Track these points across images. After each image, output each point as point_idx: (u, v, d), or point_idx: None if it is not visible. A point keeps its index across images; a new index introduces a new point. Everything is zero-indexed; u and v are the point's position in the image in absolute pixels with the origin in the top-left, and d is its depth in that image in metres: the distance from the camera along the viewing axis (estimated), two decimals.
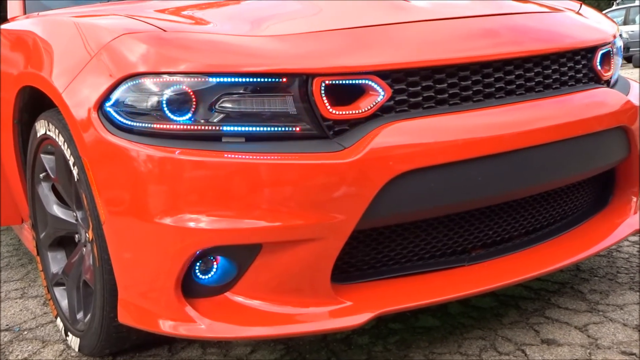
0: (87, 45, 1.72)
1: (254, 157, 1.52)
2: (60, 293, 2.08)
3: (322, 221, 1.52)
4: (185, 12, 1.98)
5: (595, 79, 1.98)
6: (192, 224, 1.52)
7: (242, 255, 1.56)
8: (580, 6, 2.24)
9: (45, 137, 1.92)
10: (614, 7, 18.24)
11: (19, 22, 2.24)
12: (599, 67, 1.97)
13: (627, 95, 1.98)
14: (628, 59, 14.34)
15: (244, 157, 1.51)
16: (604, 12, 17.99)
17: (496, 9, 1.94)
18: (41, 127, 1.94)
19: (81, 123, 1.65)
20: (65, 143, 1.79)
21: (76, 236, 1.99)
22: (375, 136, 1.55)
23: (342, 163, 1.52)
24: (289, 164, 1.51)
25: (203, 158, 1.51)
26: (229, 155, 1.52)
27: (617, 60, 2.11)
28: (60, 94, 1.73)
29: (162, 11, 2.02)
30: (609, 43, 2.04)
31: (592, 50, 1.97)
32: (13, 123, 2.13)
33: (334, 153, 1.54)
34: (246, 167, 1.51)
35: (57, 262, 2.11)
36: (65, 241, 2.10)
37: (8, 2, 2.42)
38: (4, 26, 2.30)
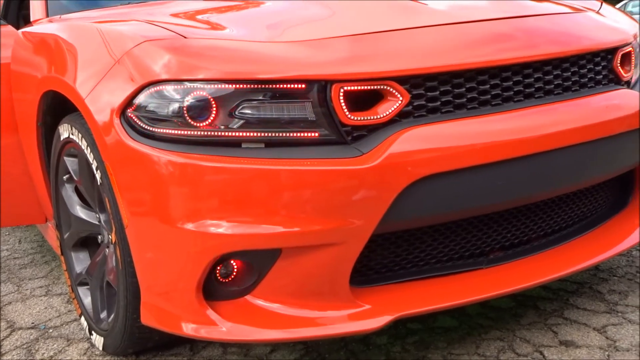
0: (110, 52, 1.74)
1: (274, 163, 1.53)
2: (83, 292, 2.12)
3: (341, 226, 1.54)
4: (200, 17, 2.00)
5: (615, 80, 1.97)
6: (213, 229, 1.54)
7: (261, 260, 1.59)
8: (601, 5, 2.22)
9: (69, 141, 1.96)
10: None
11: (42, 26, 2.27)
12: (619, 68, 1.96)
13: None
14: None
15: (263, 162, 1.53)
16: (627, 0, 17.92)
17: (514, 11, 1.93)
18: (64, 131, 1.97)
19: (103, 128, 1.68)
20: (88, 147, 1.82)
21: (99, 237, 2.03)
22: (394, 142, 1.56)
23: (361, 169, 1.53)
24: (307, 170, 1.53)
25: (223, 164, 1.54)
26: (249, 161, 1.54)
27: (638, 60, 2.09)
28: (83, 100, 1.76)
29: (178, 15, 2.04)
30: (629, 43, 2.02)
31: (612, 51, 1.95)
32: (37, 125, 2.17)
33: (353, 159, 1.55)
34: (266, 173, 1.53)
35: (80, 262, 2.15)
36: (89, 241, 2.14)
37: (31, 5, 2.45)
38: (27, 29, 2.33)
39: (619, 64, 1.96)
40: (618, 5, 16.85)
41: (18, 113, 2.31)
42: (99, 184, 1.80)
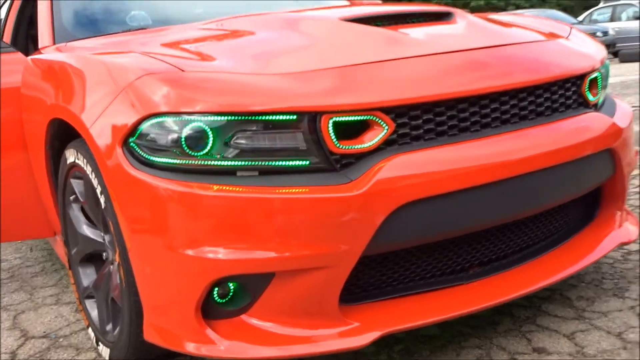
0: (113, 84, 1.86)
1: (267, 191, 1.65)
2: (90, 305, 2.25)
3: (331, 251, 1.66)
4: (192, 47, 2.11)
5: (584, 104, 2.11)
6: (211, 255, 1.66)
7: (256, 282, 1.71)
8: (570, 30, 2.35)
9: (74, 165, 2.08)
10: (601, 5, 18.73)
11: (50, 54, 2.39)
12: (587, 93, 2.10)
13: (612, 117, 2.11)
14: (615, 54, 15.25)
15: (258, 191, 1.65)
16: (592, 9, 18.47)
17: (491, 40, 2.05)
18: (70, 155, 2.09)
19: (106, 156, 1.80)
20: (93, 173, 1.94)
21: (104, 254, 2.15)
22: (380, 169, 1.68)
23: (350, 196, 1.65)
24: (299, 197, 1.65)
25: (220, 193, 1.65)
26: (244, 189, 1.66)
27: (605, 83, 2.23)
28: (87, 129, 1.88)
29: (169, 45, 2.15)
30: (597, 69, 2.15)
31: (581, 77, 2.09)
32: (45, 148, 2.29)
33: (341, 186, 1.66)
34: (260, 201, 1.65)
35: (87, 276, 2.28)
36: (94, 257, 2.27)
37: (39, 32, 2.57)
38: (36, 56, 2.46)
39: (587, 89, 2.10)
40: (584, 14, 17.22)
41: (28, 135, 2.44)
42: (103, 207, 1.92)
